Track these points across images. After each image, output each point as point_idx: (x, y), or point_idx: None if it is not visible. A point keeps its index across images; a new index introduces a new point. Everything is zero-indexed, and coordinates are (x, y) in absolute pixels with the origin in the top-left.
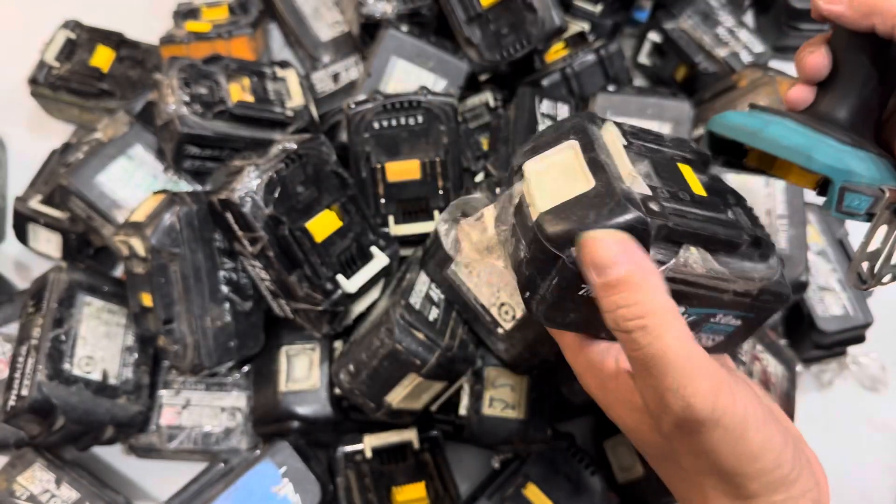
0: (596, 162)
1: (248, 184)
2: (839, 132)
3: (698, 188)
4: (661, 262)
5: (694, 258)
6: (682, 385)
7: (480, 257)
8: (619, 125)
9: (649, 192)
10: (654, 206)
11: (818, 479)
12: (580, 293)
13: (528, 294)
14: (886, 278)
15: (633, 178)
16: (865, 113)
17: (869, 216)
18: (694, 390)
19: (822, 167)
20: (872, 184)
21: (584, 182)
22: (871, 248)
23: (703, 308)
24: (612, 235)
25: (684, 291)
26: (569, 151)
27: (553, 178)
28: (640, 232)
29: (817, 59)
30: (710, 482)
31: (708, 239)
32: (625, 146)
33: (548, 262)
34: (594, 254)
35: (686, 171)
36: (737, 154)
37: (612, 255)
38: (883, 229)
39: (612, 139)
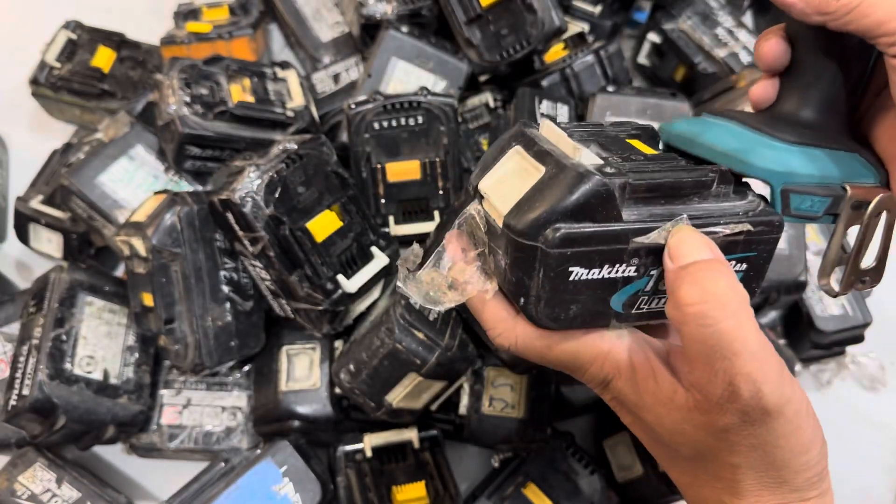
0: (541, 153)
1: (249, 184)
2: (792, 131)
3: (651, 151)
4: (639, 227)
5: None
6: (754, 369)
7: (447, 294)
8: (555, 121)
9: (600, 161)
10: (609, 169)
11: None
12: (571, 278)
13: (523, 301)
14: (858, 285)
15: (580, 151)
16: (830, 107)
17: (833, 217)
18: (764, 376)
19: (758, 171)
20: (825, 182)
21: (535, 173)
22: (839, 251)
23: None
24: (699, 236)
25: None
26: (515, 156)
27: (509, 184)
28: (603, 196)
29: (772, 47)
30: (752, 479)
31: (674, 186)
32: (567, 133)
33: (528, 257)
34: (679, 246)
35: (635, 143)
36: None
37: (697, 243)
38: (854, 230)
39: (552, 131)
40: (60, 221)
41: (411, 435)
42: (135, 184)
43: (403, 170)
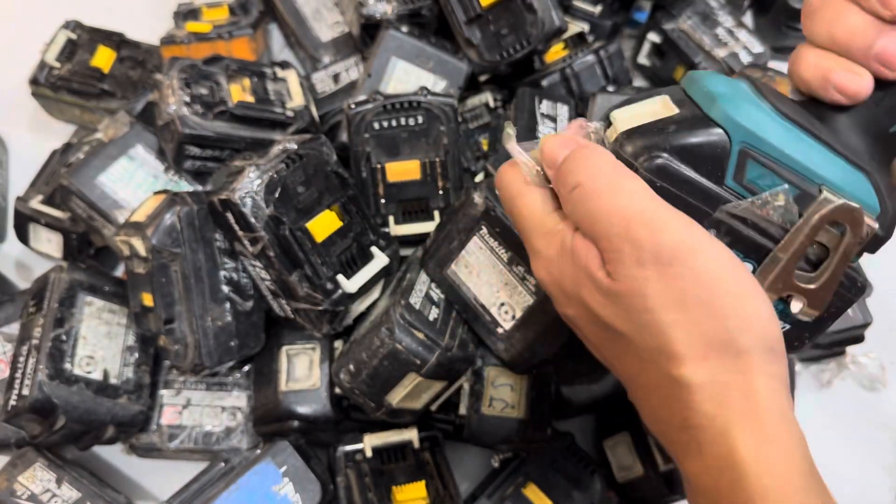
0: (683, 100)
1: (249, 184)
2: (802, 116)
3: None
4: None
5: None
6: (651, 220)
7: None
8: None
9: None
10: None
11: None
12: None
13: None
14: (795, 305)
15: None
16: (869, 129)
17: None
18: (665, 222)
19: (722, 118)
20: (797, 170)
21: (667, 113)
22: (779, 260)
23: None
24: (559, 136)
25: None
26: (658, 101)
27: (638, 118)
28: (719, 151)
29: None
30: (684, 335)
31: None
32: None
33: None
34: (546, 153)
35: None
36: None
37: (558, 143)
38: (793, 246)
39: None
40: (60, 221)
41: (411, 435)
42: (134, 184)
43: (403, 170)
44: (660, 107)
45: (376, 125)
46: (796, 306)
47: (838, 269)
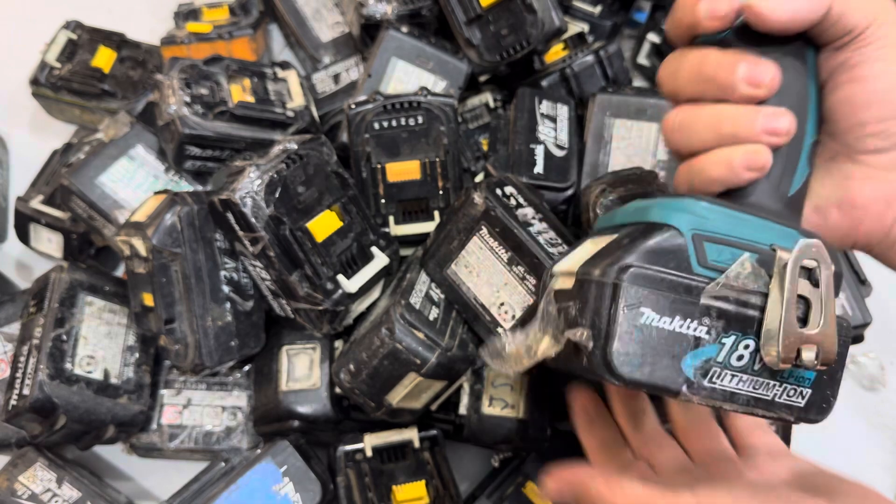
0: (614, 230)
1: (249, 184)
2: (722, 201)
3: None
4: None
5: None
6: None
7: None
8: None
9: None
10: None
11: None
12: (642, 320)
13: (592, 345)
14: (808, 356)
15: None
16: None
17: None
18: None
19: (664, 217)
20: (756, 243)
21: (609, 239)
22: (778, 319)
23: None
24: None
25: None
26: (588, 243)
27: (580, 256)
28: (677, 243)
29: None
30: None
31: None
32: None
33: (601, 295)
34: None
35: None
36: None
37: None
38: (784, 300)
39: None
40: (61, 221)
41: (411, 435)
42: (135, 184)
43: (403, 170)
44: (591, 246)
45: (376, 125)
46: (809, 354)
47: (831, 304)
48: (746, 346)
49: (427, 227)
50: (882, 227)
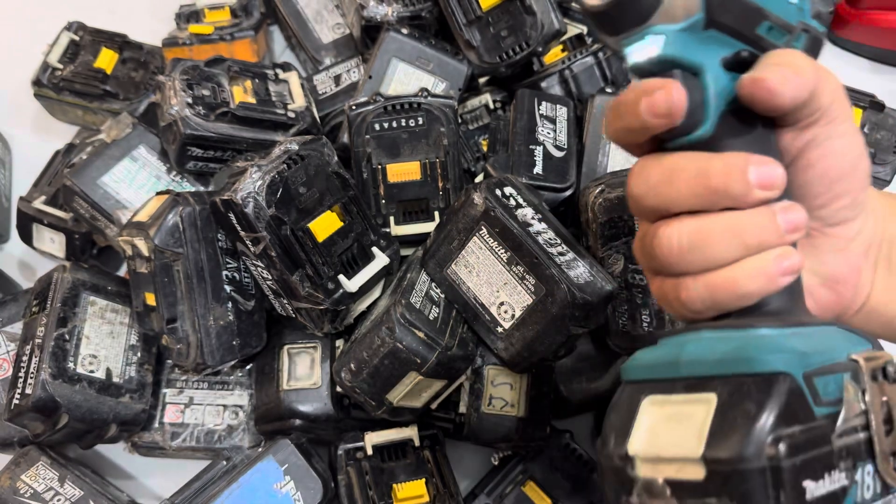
0: (693, 384)
1: (251, 185)
2: (766, 318)
3: None
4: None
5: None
6: None
7: None
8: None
9: None
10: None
11: None
12: (807, 497)
13: None
14: None
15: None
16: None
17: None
18: None
19: (771, 363)
20: (836, 359)
21: (704, 404)
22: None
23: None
24: None
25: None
26: (651, 408)
27: (672, 432)
28: (794, 393)
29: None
30: None
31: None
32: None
33: (756, 486)
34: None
35: None
36: None
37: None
38: (878, 403)
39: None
40: (63, 222)
41: (412, 433)
42: (137, 184)
43: (404, 170)
44: (665, 409)
45: (377, 126)
46: None
47: None
48: (869, 473)
49: (427, 227)
50: (860, 296)
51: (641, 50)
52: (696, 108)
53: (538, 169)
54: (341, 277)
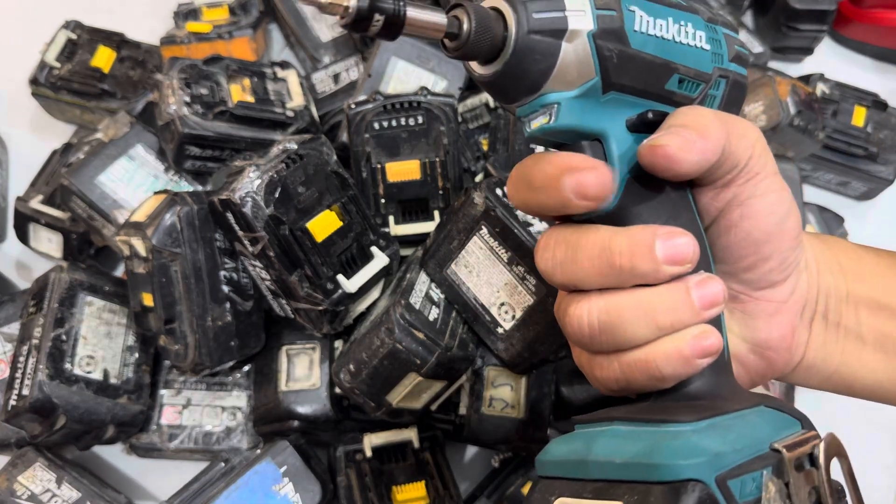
0: (600, 489)
1: (249, 184)
2: (683, 408)
3: None
4: None
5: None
6: None
7: None
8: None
9: None
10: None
11: None
12: None
13: None
14: None
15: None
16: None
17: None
18: None
19: (679, 471)
20: (756, 453)
21: None
22: None
23: None
24: None
25: None
26: None
27: None
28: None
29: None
30: None
31: None
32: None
33: None
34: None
35: None
36: None
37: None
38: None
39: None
40: (60, 221)
41: (411, 435)
42: (135, 184)
43: (403, 170)
44: None
45: (376, 125)
46: None
47: (858, 494)
48: None
49: (427, 227)
50: (794, 357)
51: (536, 119)
52: None
53: None
54: (340, 278)
